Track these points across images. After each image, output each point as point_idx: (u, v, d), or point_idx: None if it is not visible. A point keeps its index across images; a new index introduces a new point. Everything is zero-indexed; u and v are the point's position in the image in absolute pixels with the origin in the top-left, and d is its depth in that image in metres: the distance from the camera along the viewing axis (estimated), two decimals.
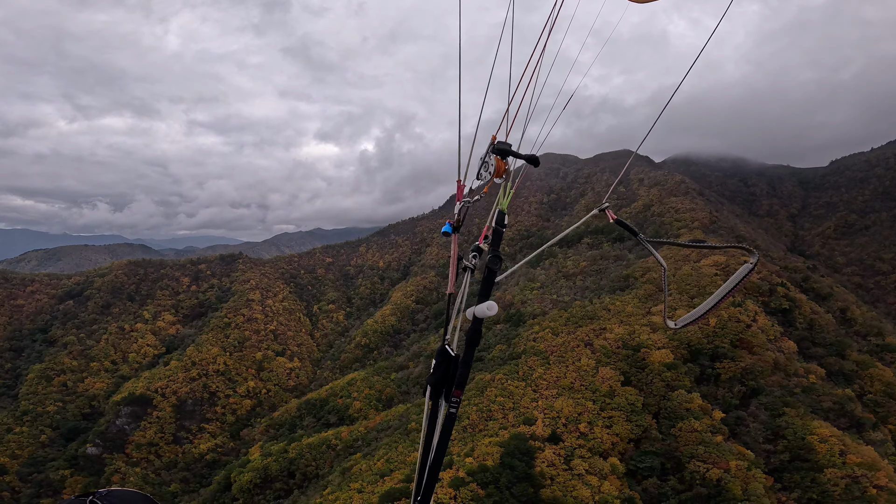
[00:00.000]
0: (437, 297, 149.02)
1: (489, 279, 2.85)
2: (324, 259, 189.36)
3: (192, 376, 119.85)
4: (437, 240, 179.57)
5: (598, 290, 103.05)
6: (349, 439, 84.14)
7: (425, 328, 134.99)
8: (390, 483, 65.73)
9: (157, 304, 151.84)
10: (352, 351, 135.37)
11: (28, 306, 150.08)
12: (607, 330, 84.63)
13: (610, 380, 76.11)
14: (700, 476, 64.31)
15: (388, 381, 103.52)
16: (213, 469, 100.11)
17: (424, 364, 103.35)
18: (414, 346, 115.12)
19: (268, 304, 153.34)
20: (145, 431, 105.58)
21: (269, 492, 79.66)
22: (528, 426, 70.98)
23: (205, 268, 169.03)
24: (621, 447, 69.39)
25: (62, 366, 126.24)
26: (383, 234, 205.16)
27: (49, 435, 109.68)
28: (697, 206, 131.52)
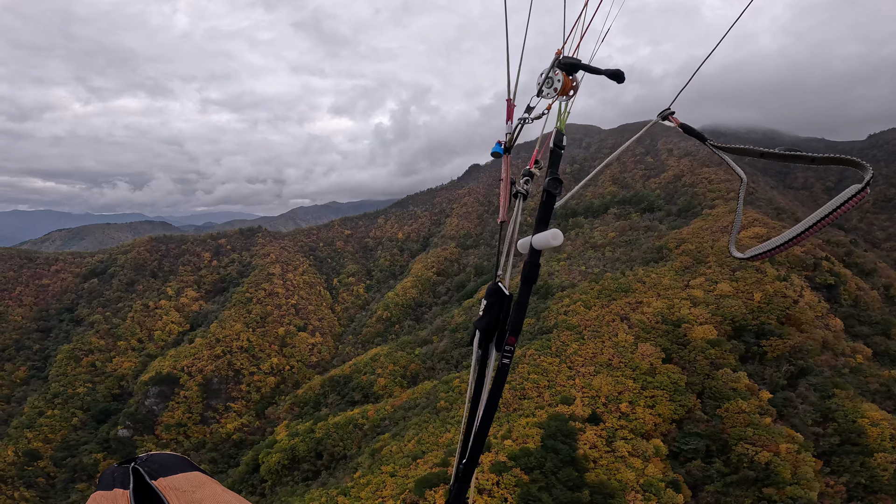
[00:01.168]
0: (458, 269, 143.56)
1: (548, 204, 2.35)
2: (342, 231, 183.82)
3: (217, 353, 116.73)
4: (457, 211, 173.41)
5: (629, 261, 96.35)
6: (376, 418, 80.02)
7: (447, 301, 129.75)
8: (424, 467, 61.58)
9: (179, 281, 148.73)
10: (373, 325, 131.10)
11: (53, 286, 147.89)
12: (644, 303, 78.47)
13: (650, 357, 70.50)
14: (748, 459, 59.84)
15: (413, 357, 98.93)
16: (240, 449, 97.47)
17: (449, 339, 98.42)
18: (437, 320, 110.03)
19: (288, 277, 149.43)
20: (173, 412, 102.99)
21: (297, 472, 76.29)
22: (567, 406, 66.25)
23: (225, 242, 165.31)
24: (664, 428, 64.52)
25: (90, 345, 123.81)
26: (402, 206, 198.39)
27: (81, 417, 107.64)
28: (733, 176, 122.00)
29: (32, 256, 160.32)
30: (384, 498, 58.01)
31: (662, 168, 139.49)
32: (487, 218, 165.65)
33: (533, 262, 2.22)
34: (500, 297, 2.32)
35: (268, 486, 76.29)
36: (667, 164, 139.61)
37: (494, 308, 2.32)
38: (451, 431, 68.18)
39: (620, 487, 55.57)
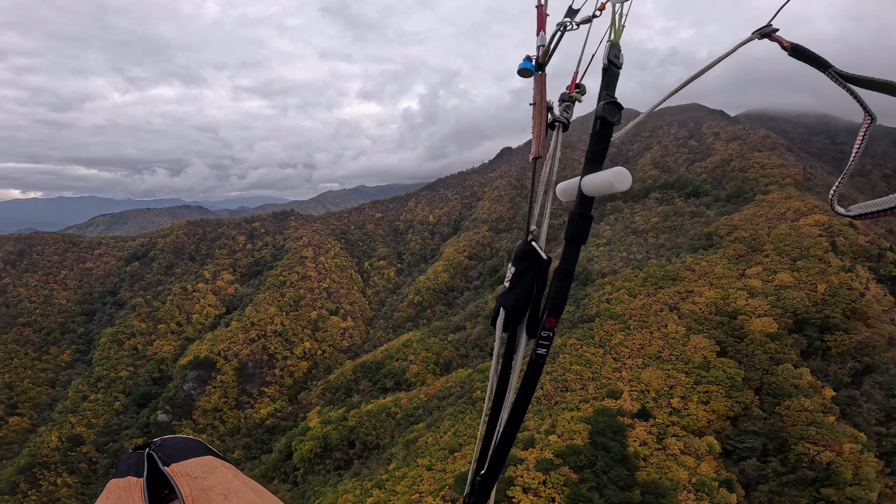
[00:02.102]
0: (490, 253, 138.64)
1: (603, 136, 1.68)
2: (373, 214, 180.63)
3: (252, 337, 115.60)
4: (489, 194, 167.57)
5: (674, 248, 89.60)
6: (409, 407, 76.78)
7: (479, 286, 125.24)
8: (462, 462, 57.97)
9: (215, 264, 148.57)
10: (404, 309, 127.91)
11: (97, 269, 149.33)
12: (695, 293, 72.21)
13: (704, 350, 64.74)
14: (808, 458, 54.67)
15: (446, 343, 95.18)
16: (273, 434, 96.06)
17: (483, 325, 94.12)
18: (470, 306, 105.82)
19: (320, 261, 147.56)
20: (210, 396, 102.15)
21: (329, 461, 73.94)
22: (614, 400, 61.57)
23: (259, 226, 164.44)
24: (717, 425, 59.29)
25: (132, 329, 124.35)
26: (432, 189, 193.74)
27: (123, 402, 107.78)
28: (787, 161, 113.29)
29: (77, 241, 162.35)
30: (422, 493, 54.68)
31: (708, 152, 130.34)
32: (520, 202, 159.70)
33: (583, 214, 1.63)
34: (535, 262, 1.75)
35: (300, 475, 74.29)
36: (713, 148, 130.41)
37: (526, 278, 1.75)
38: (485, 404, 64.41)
39: (672, 486, 51.21)
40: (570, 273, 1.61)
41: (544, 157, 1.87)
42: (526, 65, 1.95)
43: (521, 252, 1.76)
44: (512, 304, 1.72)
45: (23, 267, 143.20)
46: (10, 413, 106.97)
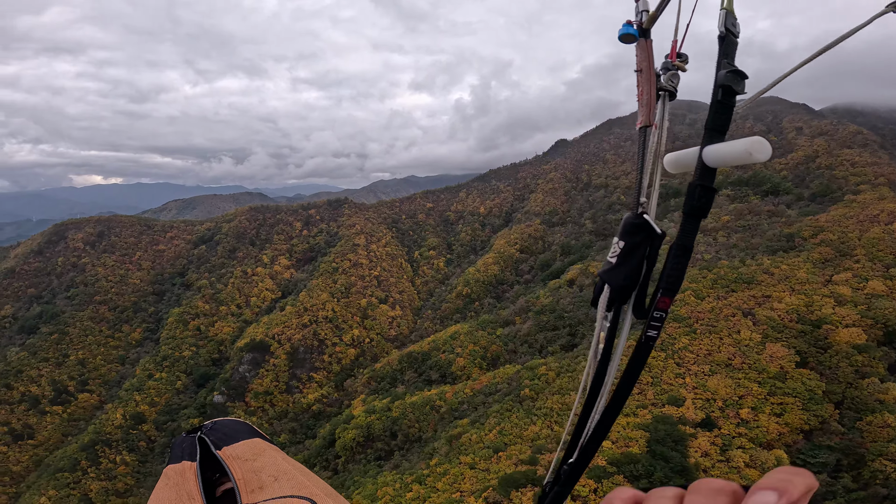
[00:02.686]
0: (542, 247, 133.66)
1: (725, 106, 1.52)
2: (424, 204, 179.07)
3: (304, 322, 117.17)
4: (542, 186, 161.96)
5: (749, 248, 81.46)
6: (454, 401, 74.32)
7: (530, 280, 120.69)
8: (507, 462, 54.87)
9: (273, 249, 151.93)
10: (453, 301, 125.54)
11: (168, 251, 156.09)
12: (774, 298, 64.90)
13: (781, 359, 58.03)
14: (884, 476, 47.96)
15: (494, 338, 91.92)
16: (318, 420, 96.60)
17: (533, 321, 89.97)
18: (520, 300, 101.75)
19: (372, 249, 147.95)
20: (262, 379, 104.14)
21: (371, 451, 72.90)
22: (675, 407, 56.53)
23: (314, 213, 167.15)
24: (789, 438, 53.29)
25: (196, 310, 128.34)
26: (484, 180, 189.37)
27: (184, 381, 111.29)
28: (881, 160, 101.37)
29: (151, 224, 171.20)
30: (463, 493, 52.15)
31: (789, 148, 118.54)
32: (575, 195, 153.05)
33: (705, 186, 1.49)
34: (648, 236, 1.60)
35: (341, 463, 73.81)
36: (795, 144, 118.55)
37: (637, 253, 1.60)
38: (536, 424, 60.79)
39: None
40: (690, 249, 1.48)
41: (654, 125, 1.75)
42: (628, 30, 1.83)
43: (630, 225, 1.59)
44: (620, 281, 1.60)
45: (101, 248, 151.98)
46: (80, 390, 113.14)
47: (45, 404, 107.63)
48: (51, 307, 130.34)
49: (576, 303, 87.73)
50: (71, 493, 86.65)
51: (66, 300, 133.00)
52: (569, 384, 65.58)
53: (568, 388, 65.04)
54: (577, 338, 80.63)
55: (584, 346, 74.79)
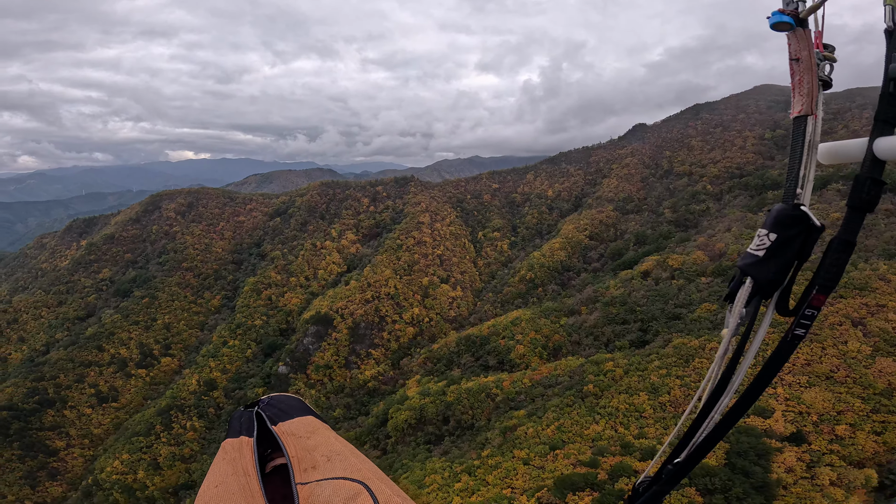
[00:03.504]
0: (614, 235, 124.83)
1: None
2: (490, 185, 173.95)
3: (367, 298, 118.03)
4: (617, 171, 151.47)
5: (861, 251, 69.64)
6: (511, 391, 70.77)
7: (599, 269, 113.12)
8: (565, 462, 50.88)
9: (342, 223, 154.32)
10: (515, 285, 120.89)
11: (247, 222, 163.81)
12: (889, 308, 54.82)
13: (892, 375, 49.26)
14: None
15: (557, 327, 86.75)
16: (372, 397, 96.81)
17: (601, 312, 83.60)
18: (587, 289, 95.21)
19: (436, 227, 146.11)
20: (324, 353, 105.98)
21: (421, 434, 71.31)
22: (762, 419, 50.02)
23: (381, 189, 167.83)
24: (884, 458, 45.59)
25: (269, 280, 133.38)
26: (553, 163, 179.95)
27: (253, 350, 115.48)
28: None
29: (233, 196, 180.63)
30: (515, 490, 48.98)
31: None
32: (654, 182, 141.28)
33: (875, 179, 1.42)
34: (804, 229, 1.52)
35: (391, 443, 72.94)
36: None
37: (791, 247, 1.53)
38: (599, 424, 56.00)
39: None
40: (853, 245, 1.41)
41: (815, 115, 1.69)
42: (782, 18, 1.71)
43: (784, 217, 1.50)
44: (769, 276, 1.50)
45: (190, 217, 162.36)
46: (163, 353, 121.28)
47: (131, 367, 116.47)
48: (144, 272, 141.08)
49: (650, 297, 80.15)
50: (142, 458, 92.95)
51: (157, 266, 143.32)
52: (638, 384, 59.82)
53: (637, 388, 59.33)
54: (648, 334, 73.65)
55: (658, 344, 67.95)
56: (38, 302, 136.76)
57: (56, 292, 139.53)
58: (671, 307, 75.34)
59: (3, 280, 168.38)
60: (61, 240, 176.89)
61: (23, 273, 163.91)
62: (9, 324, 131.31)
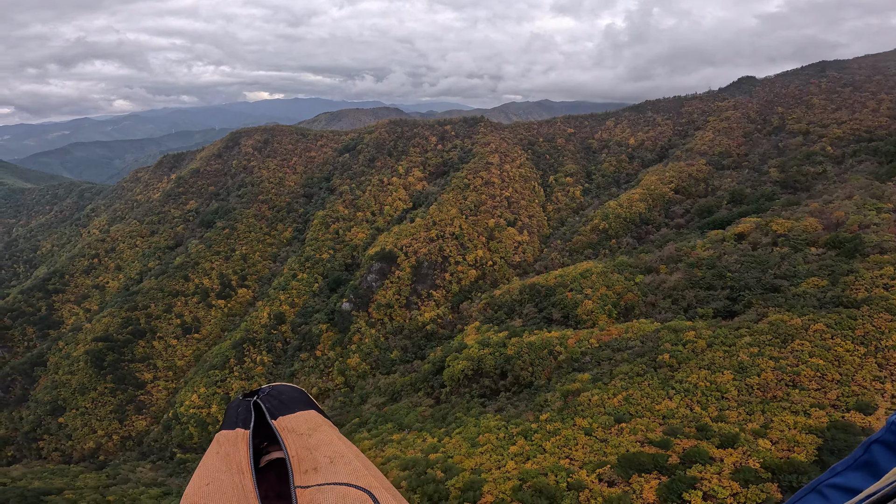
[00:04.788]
0: (705, 191, 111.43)
1: None
2: (565, 129, 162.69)
3: (431, 237, 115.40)
4: (714, 124, 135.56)
5: None
6: (575, 350, 65.67)
7: (682, 225, 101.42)
8: (631, 438, 46.14)
9: (408, 161, 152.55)
10: (586, 234, 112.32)
11: (318, 157, 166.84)
12: None
13: None
14: None
15: (631, 284, 79.00)
16: (430, 340, 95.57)
17: (684, 274, 74.54)
18: (669, 247, 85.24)
19: (505, 168, 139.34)
20: (386, 291, 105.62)
21: (476, 386, 68.74)
22: (862, 415, 42.24)
23: (450, 129, 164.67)
24: None
25: (337, 213, 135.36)
26: (638, 110, 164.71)
27: (320, 284, 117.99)
28: None
29: (305, 133, 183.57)
30: (574, 461, 45.33)
31: None
32: (759, 139, 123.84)
33: None
34: None
35: (445, 393, 71.25)
36: None
37: None
38: (673, 400, 50.19)
39: None
40: None
41: None
42: None
43: None
44: None
45: (266, 153, 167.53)
46: (240, 284, 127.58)
47: (212, 297, 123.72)
48: (225, 204, 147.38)
49: (744, 262, 69.58)
50: (216, 392, 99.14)
51: (237, 198, 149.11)
52: (723, 360, 52.63)
53: (721, 364, 52.18)
54: (738, 304, 64.42)
55: (750, 317, 59.15)
56: (133, 231, 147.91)
57: (149, 222, 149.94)
58: (769, 277, 64.92)
59: (103, 210, 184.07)
60: (153, 173, 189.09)
61: (120, 204, 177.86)
62: (107, 252, 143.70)
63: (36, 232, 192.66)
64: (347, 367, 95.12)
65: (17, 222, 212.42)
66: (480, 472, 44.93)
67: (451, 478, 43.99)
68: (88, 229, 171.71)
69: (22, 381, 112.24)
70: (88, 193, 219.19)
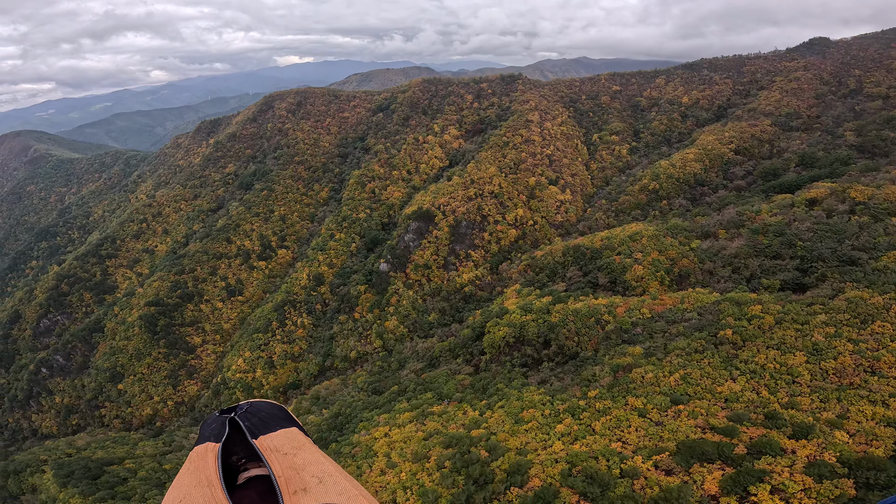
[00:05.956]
0: (769, 152, 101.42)
1: None
2: (610, 86, 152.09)
3: (470, 195, 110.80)
4: (781, 85, 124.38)
5: None
6: (625, 320, 61.01)
7: (744, 188, 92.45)
8: (690, 422, 42.15)
9: (444, 119, 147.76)
10: (634, 194, 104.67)
11: (351, 118, 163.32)
12: None
13: None
14: None
15: (686, 250, 72.59)
16: (468, 303, 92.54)
17: (747, 240, 67.48)
18: (729, 210, 77.45)
19: (546, 126, 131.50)
20: (424, 251, 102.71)
21: (518, 354, 65.35)
22: None
23: (486, 86, 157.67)
24: None
25: (373, 173, 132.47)
26: (692, 68, 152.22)
27: (357, 244, 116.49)
28: None
29: (338, 94, 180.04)
30: (626, 445, 41.87)
31: None
32: (833, 101, 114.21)
33: None
34: None
35: (485, 360, 68.48)
36: None
37: None
38: (737, 382, 45.46)
39: None
40: None
41: None
42: None
43: None
44: None
45: (300, 115, 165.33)
46: (279, 245, 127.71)
47: (253, 259, 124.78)
48: (262, 166, 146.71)
49: (817, 231, 61.87)
50: (260, 356, 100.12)
51: (273, 160, 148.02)
52: (795, 340, 47.18)
53: (793, 344, 46.71)
54: (809, 277, 57.58)
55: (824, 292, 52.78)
56: (178, 196, 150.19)
57: (191, 186, 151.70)
58: (846, 248, 57.41)
59: (149, 176, 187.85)
60: (193, 139, 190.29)
61: (164, 170, 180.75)
62: (154, 217, 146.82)
63: (87, 199, 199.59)
64: (385, 331, 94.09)
65: (69, 191, 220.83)
66: (526, 453, 42.21)
67: (496, 458, 41.48)
68: (136, 195, 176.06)
69: (82, 348, 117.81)
70: (134, 161, 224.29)
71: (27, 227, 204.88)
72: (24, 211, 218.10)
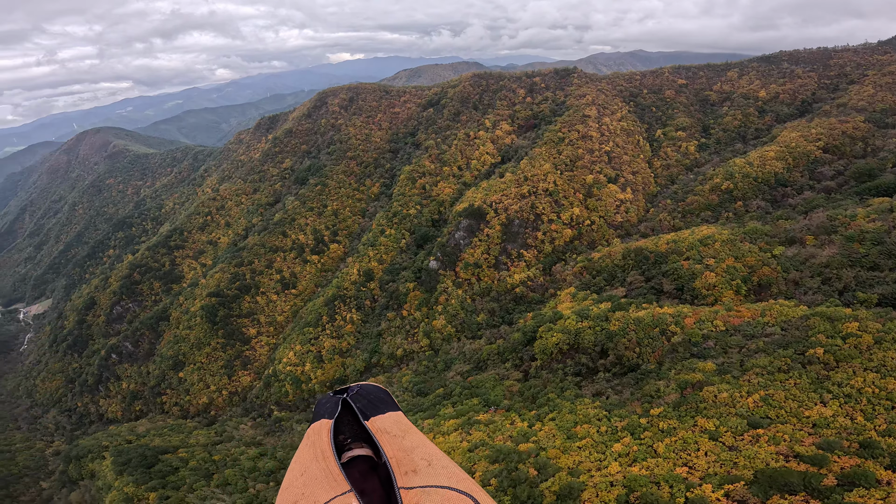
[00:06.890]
0: (863, 151, 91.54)
1: None
2: (674, 80, 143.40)
3: (523, 193, 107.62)
4: (874, 79, 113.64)
5: None
6: (695, 332, 56.16)
7: (833, 189, 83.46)
8: (770, 448, 37.66)
9: (496, 114, 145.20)
10: (704, 194, 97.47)
11: (402, 113, 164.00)
12: None
13: None
14: None
15: (767, 257, 66.16)
16: (518, 304, 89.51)
17: (840, 248, 60.40)
18: (818, 214, 69.83)
19: (604, 122, 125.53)
20: (475, 249, 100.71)
21: (571, 363, 61.79)
22: None
23: (539, 80, 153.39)
24: None
25: (423, 168, 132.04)
26: (769, 61, 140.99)
27: (407, 240, 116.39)
28: None
29: (388, 90, 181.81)
30: (694, 471, 38.00)
31: None
32: None
33: None
34: None
35: (535, 367, 65.30)
36: None
37: None
38: (829, 406, 40.35)
39: None
40: None
41: None
42: None
43: None
44: None
45: (352, 110, 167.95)
46: (332, 240, 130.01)
47: (307, 253, 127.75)
48: (316, 161, 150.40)
49: None
50: (310, 350, 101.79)
51: (327, 155, 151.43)
52: None
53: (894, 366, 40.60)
54: None
55: None
56: (239, 190, 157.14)
57: (251, 181, 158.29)
58: None
59: (214, 171, 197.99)
60: (253, 135, 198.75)
61: (227, 164, 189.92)
62: (217, 210, 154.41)
63: (160, 192, 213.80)
64: (433, 329, 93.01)
65: (144, 184, 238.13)
66: (578, 474, 39.32)
67: (546, 479, 38.88)
68: (202, 188, 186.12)
69: (149, 336, 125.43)
70: (201, 156, 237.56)
71: (106, 217, 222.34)
72: (103, 202, 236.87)
